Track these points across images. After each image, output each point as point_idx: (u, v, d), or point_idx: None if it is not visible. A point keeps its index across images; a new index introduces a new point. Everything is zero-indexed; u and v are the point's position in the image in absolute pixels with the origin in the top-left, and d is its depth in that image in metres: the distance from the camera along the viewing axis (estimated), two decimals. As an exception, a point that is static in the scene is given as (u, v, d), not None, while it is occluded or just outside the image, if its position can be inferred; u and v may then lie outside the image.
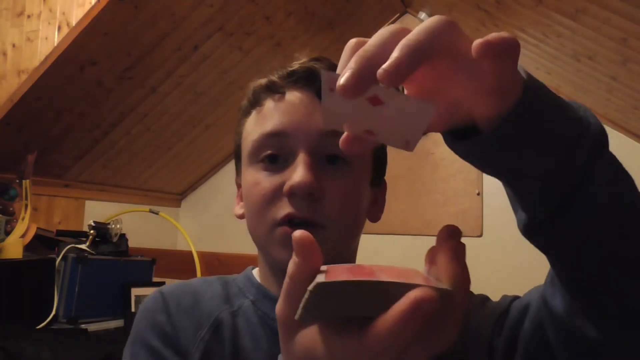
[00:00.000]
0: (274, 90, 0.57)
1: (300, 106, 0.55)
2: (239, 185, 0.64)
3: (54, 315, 1.66)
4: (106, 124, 2.24)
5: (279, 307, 0.33)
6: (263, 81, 0.59)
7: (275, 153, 0.55)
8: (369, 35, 0.31)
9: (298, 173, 0.51)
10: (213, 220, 3.10)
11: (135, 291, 1.97)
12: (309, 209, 0.52)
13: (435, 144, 2.66)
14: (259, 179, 0.55)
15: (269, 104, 0.57)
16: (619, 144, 2.29)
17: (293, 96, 0.56)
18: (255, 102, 0.59)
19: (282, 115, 0.55)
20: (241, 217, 0.61)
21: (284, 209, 0.52)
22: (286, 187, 0.52)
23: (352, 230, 0.58)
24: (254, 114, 0.59)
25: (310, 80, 0.56)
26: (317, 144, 0.54)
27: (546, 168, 0.34)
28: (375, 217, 0.63)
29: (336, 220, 0.53)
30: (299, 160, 0.53)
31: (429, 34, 0.29)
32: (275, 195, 0.53)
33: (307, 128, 0.54)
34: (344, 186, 0.54)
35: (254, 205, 0.55)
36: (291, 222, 0.52)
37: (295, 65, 0.57)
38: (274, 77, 0.58)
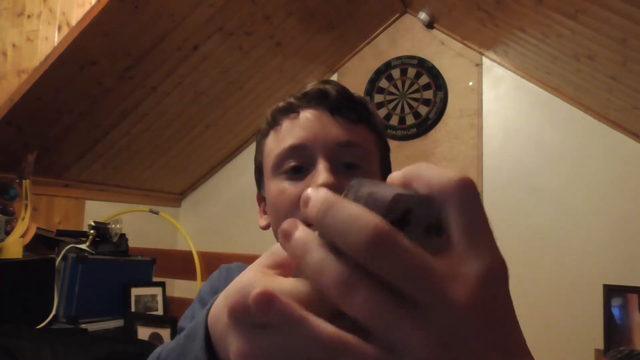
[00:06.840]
0: (290, 110, 0.64)
1: (316, 121, 0.62)
2: (259, 200, 0.70)
3: (54, 315, 1.66)
4: (106, 124, 2.24)
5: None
6: (280, 104, 0.65)
7: (297, 164, 0.60)
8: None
9: (321, 176, 0.57)
10: (213, 220, 3.10)
11: (135, 291, 1.97)
12: None
13: (435, 144, 2.66)
14: (284, 188, 0.60)
15: (286, 123, 0.63)
16: (619, 144, 2.29)
17: (308, 113, 0.63)
18: (274, 123, 0.65)
19: (300, 130, 0.61)
20: (265, 227, 0.67)
21: None
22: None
23: None
24: (272, 133, 0.65)
25: (322, 99, 0.62)
26: (334, 153, 0.60)
27: None
28: None
29: None
30: (320, 167, 0.58)
31: None
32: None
33: (324, 139, 0.60)
34: None
35: (281, 211, 0.60)
36: None
37: (308, 87, 0.64)
38: (290, 100, 0.64)
